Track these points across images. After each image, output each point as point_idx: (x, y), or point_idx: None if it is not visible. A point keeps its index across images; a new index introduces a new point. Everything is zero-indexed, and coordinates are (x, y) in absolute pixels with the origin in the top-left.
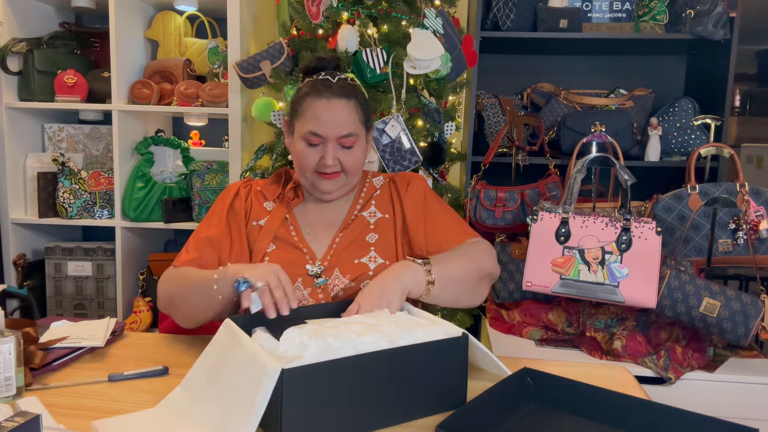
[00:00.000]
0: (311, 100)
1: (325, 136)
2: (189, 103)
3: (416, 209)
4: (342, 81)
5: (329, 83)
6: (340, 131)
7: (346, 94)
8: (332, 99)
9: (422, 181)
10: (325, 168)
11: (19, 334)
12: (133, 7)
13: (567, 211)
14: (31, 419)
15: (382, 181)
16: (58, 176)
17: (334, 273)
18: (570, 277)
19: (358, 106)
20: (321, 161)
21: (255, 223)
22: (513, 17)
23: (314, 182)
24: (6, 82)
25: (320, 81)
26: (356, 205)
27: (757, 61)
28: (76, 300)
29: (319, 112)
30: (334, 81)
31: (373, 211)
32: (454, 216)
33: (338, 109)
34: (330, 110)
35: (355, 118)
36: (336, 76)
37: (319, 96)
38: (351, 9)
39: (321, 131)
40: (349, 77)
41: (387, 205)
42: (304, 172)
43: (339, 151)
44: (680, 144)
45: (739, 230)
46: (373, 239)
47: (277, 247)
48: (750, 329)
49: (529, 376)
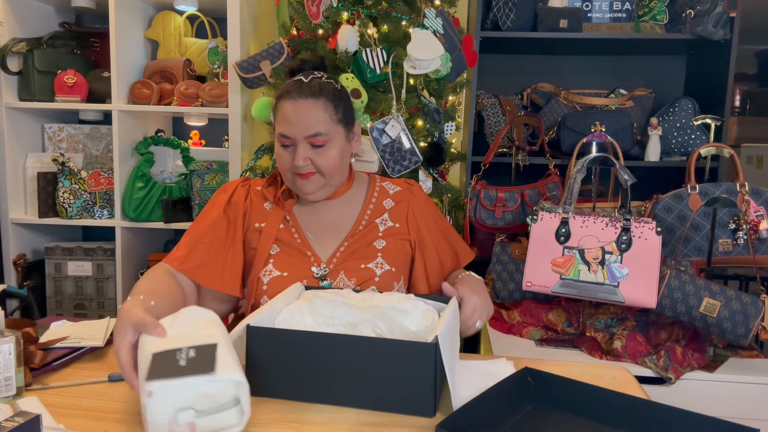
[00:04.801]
0: (282, 102)
1: (293, 137)
2: (189, 103)
3: (430, 221)
4: (314, 80)
5: (300, 84)
6: (307, 131)
7: (313, 93)
8: (299, 99)
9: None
10: (297, 169)
11: (19, 334)
12: (133, 7)
13: (567, 211)
14: (31, 419)
15: (395, 188)
16: (58, 176)
17: (339, 276)
18: (570, 277)
19: (328, 104)
20: (294, 162)
21: (256, 225)
22: (513, 17)
23: (294, 183)
24: (6, 82)
25: (293, 82)
26: (366, 210)
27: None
28: (76, 300)
29: (287, 114)
30: (305, 81)
31: (384, 219)
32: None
33: (304, 110)
34: (296, 111)
35: (324, 117)
36: (310, 75)
37: (288, 97)
38: (351, 9)
39: (289, 132)
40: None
41: (401, 216)
42: (284, 173)
43: (310, 152)
44: (680, 144)
45: (739, 230)
46: (380, 245)
47: (281, 250)
48: (750, 329)
49: (530, 375)
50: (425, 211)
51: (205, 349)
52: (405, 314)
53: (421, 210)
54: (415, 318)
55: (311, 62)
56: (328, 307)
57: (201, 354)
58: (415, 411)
